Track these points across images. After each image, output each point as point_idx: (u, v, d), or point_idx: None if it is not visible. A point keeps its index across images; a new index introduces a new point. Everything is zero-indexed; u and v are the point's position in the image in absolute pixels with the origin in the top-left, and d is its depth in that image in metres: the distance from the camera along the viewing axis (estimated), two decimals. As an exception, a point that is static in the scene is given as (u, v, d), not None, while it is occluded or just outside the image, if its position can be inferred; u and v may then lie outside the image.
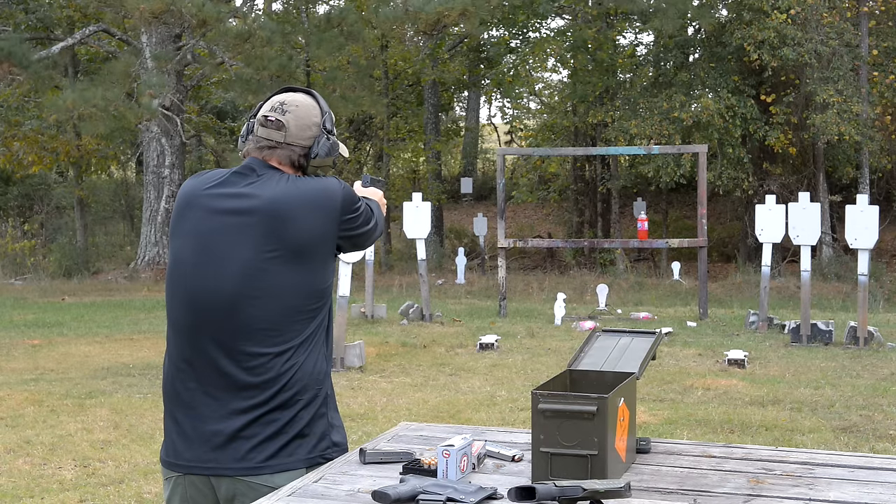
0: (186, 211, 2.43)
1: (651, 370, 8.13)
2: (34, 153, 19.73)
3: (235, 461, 2.31)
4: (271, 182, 2.40)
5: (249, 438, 2.31)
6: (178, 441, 2.38)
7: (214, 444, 2.32)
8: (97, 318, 12.77)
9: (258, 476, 2.31)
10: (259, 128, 2.46)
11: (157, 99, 14.90)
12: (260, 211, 2.35)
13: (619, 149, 16.81)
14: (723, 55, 18.89)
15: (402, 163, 27.94)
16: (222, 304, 2.33)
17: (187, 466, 2.36)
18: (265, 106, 2.50)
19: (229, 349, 2.33)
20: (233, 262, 2.34)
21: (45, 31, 20.69)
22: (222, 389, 2.33)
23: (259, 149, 2.45)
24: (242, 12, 17.33)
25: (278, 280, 2.33)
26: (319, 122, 2.48)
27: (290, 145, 2.44)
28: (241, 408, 2.32)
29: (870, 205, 10.10)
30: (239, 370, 2.33)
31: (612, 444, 2.21)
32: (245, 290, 2.33)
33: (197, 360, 2.36)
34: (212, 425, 2.33)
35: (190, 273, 2.38)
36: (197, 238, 2.39)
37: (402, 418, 6.62)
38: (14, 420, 6.94)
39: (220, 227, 2.37)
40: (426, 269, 12.29)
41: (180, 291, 2.39)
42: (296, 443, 2.34)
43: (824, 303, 13.94)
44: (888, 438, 6.27)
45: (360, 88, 18.64)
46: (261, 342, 2.33)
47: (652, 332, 2.71)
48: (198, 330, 2.36)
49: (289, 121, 2.44)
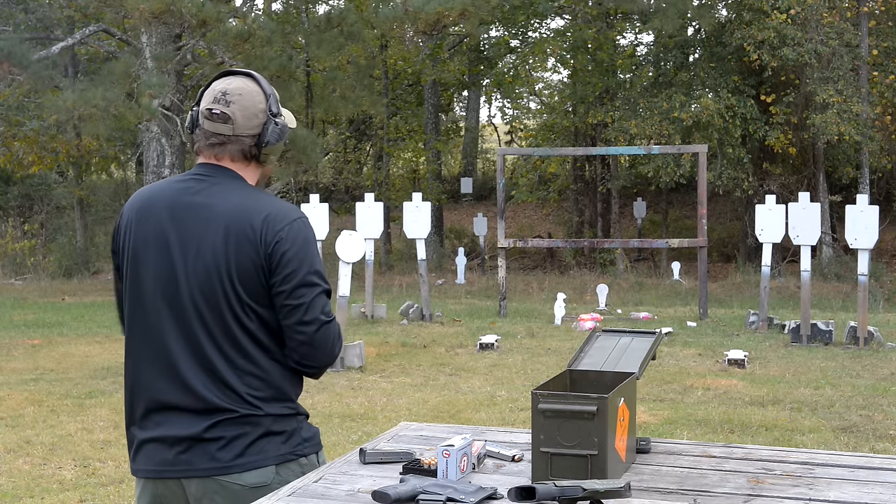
0: (140, 219, 2.39)
1: (651, 370, 8.14)
2: (34, 153, 19.72)
3: (205, 462, 2.31)
4: (228, 194, 2.36)
5: (218, 439, 2.31)
6: (145, 448, 2.37)
7: (183, 447, 2.32)
8: (97, 318, 12.77)
9: (229, 475, 2.30)
10: (205, 121, 2.39)
11: (157, 99, 14.89)
12: (216, 221, 2.32)
13: (619, 149, 16.81)
14: (723, 55, 18.89)
15: (402, 163, 27.95)
16: (186, 312, 2.32)
17: (157, 471, 2.35)
18: (207, 95, 2.41)
19: (196, 353, 2.32)
20: (193, 268, 2.31)
21: (45, 31, 20.68)
22: (188, 393, 2.32)
23: (210, 146, 2.39)
24: (242, 12, 17.31)
25: (235, 291, 2.31)
26: (265, 107, 2.40)
27: (240, 137, 2.38)
28: (207, 409, 2.31)
29: (870, 205, 10.11)
30: (206, 373, 2.31)
31: (612, 444, 2.21)
32: (207, 296, 2.31)
33: (163, 367, 2.34)
34: (180, 430, 2.32)
35: (150, 281, 2.36)
36: (152, 247, 2.36)
37: (402, 418, 6.62)
38: (14, 420, 6.94)
39: (177, 236, 2.34)
40: (426, 269, 12.29)
41: (144, 300, 2.37)
42: (265, 440, 2.33)
43: (824, 303, 13.94)
44: (888, 438, 6.27)
45: (360, 88, 18.65)
46: (227, 346, 2.32)
47: (652, 332, 2.71)
48: (161, 337, 2.34)
49: (234, 112, 2.36)
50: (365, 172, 26.11)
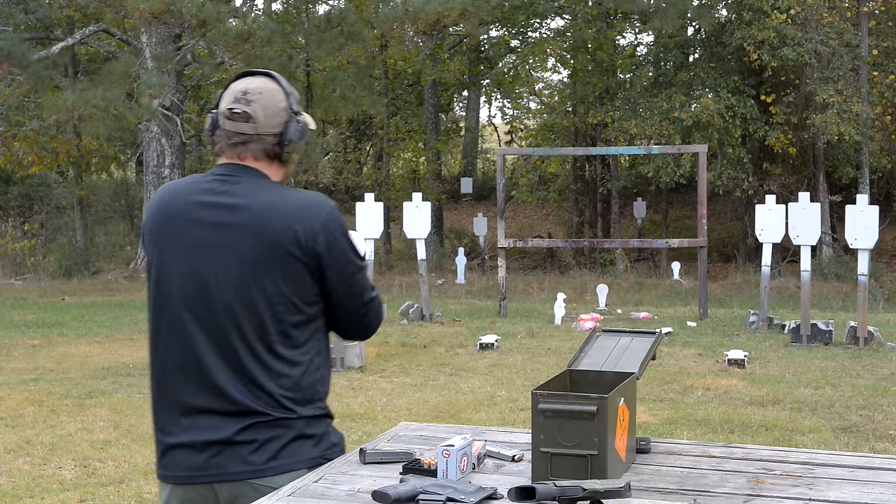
0: (166, 220, 2.37)
1: (651, 370, 8.13)
2: (34, 153, 19.72)
3: (238, 465, 2.30)
4: (253, 191, 2.34)
5: (251, 442, 2.29)
6: (173, 453, 2.36)
7: (215, 451, 2.30)
8: (97, 318, 12.77)
9: (261, 478, 2.30)
10: (226, 121, 2.37)
11: (157, 99, 14.90)
12: (245, 223, 2.30)
13: (619, 149, 16.81)
14: (723, 55, 18.90)
15: (402, 163, 27.96)
16: (217, 316, 2.30)
17: (186, 477, 2.33)
18: (226, 96, 2.40)
19: (227, 357, 2.31)
20: (224, 273, 2.30)
21: (44, 31, 20.69)
22: (220, 397, 2.31)
23: (232, 146, 2.38)
24: (242, 12, 17.32)
25: (271, 290, 2.30)
26: (286, 105, 2.40)
27: (262, 136, 2.37)
28: (240, 412, 2.30)
29: (870, 205, 10.10)
30: (238, 377, 2.30)
31: (612, 444, 2.21)
32: (239, 301, 2.30)
33: (192, 371, 2.33)
34: (210, 434, 2.31)
35: (179, 285, 2.34)
36: (181, 250, 2.34)
37: (402, 418, 6.62)
38: (14, 420, 6.94)
39: (205, 239, 2.32)
40: (426, 269, 12.29)
41: (170, 304, 2.34)
42: (297, 443, 2.33)
43: (824, 303, 13.94)
44: (888, 438, 6.27)
45: (360, 88, 18.64)
46: (262, 349, 2.31)
47: (652, 332, 2.71)
48: (191, 340, 2.32)
49: (256, 111, 2.35)
50: (365, 172, 26.12)
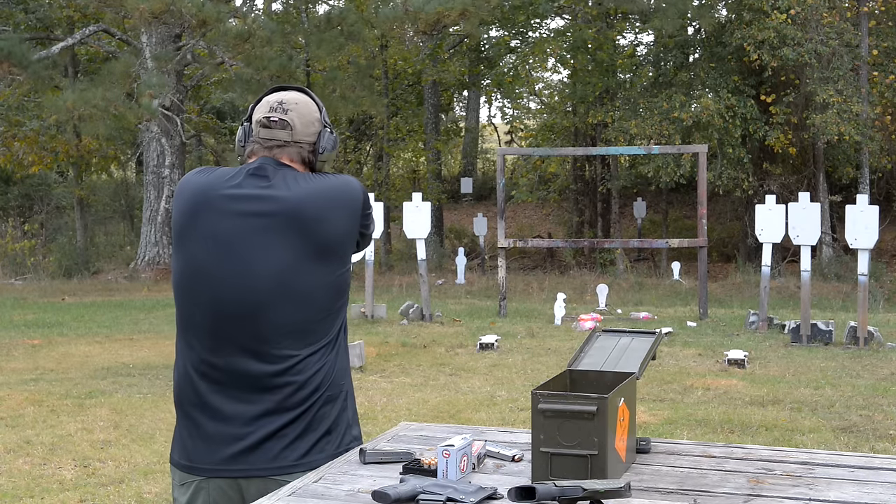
0: (201, 212, 2.37)
1: (651, 370, 8.14)
2: (34, 153, 19.73)
3: (268, 462, 2.31)
4: (291, 182, 2.37)
5: (281, 438, 2.32)
6: (199, 445, 2.36)
7: (243, 446, 2.32)
8: (97, 318, 12.77)
9: (291, 475, 2.31)
10: (261, 129, 2.43)
11: (157, 99, 14.90)
12: (285, 212, 2.33)
13: (619, 149, 16.81)
14: (723, 55, 18.90)
15: (402, 163, 27.96)
16: (253, 309, 2.31)
17: (212, 470, 2.34)
18: (261, 107, 2.46)
19: (260, 352, 2.32)
20: (262, 265, 2.31)
21: (44, 31, 20.69)
22: (252, 392, 2.32)
23: (268, 148, 2.43)
24: (242, 12, 17.32)
25: (309, 281, 2.33)
26: (319, 117, 2.48)
27: (298, 143, 2.43)
28: (271, 409, 2.32)
29: (870, 205, 10.10)
30: (270, 373, 2.32)
31: (612, 444, 2.21)
32: (277, 293, 2.31)
33: (223, 364, 2.34)
34: (239, 428, 2.32)
35: (215, 278, 2.34)
36: (218, 242, 2.34)
37: (402, 418, 6.62)
38: (14, 420, 6.94)
39: (244, 230, 2.33)
40: (426, 269, 12.29)
41: (205, 298, 2.34)
42: (325, 439, 2.37)
43: (824, 303, 13.94)
44: (888, 438, 6.27)
45: (360, 88, 18.63)
46: (292, 344, 2.33)
47: (652, 332, 2.71)
48: (225, 335, 2.33)
49: (293, 119, 2.43)
50: (365, 172, 26.12)
